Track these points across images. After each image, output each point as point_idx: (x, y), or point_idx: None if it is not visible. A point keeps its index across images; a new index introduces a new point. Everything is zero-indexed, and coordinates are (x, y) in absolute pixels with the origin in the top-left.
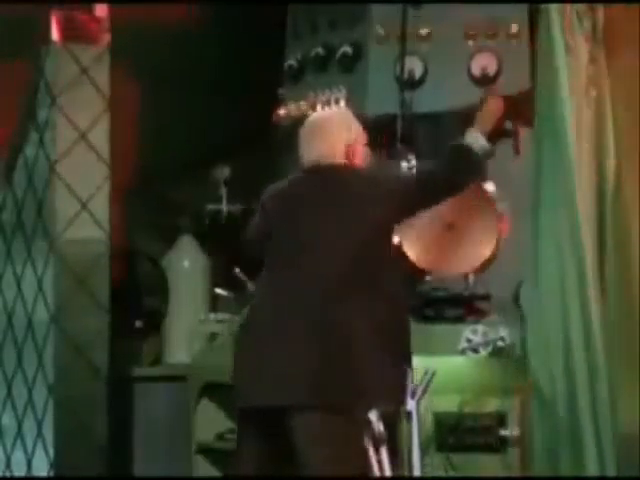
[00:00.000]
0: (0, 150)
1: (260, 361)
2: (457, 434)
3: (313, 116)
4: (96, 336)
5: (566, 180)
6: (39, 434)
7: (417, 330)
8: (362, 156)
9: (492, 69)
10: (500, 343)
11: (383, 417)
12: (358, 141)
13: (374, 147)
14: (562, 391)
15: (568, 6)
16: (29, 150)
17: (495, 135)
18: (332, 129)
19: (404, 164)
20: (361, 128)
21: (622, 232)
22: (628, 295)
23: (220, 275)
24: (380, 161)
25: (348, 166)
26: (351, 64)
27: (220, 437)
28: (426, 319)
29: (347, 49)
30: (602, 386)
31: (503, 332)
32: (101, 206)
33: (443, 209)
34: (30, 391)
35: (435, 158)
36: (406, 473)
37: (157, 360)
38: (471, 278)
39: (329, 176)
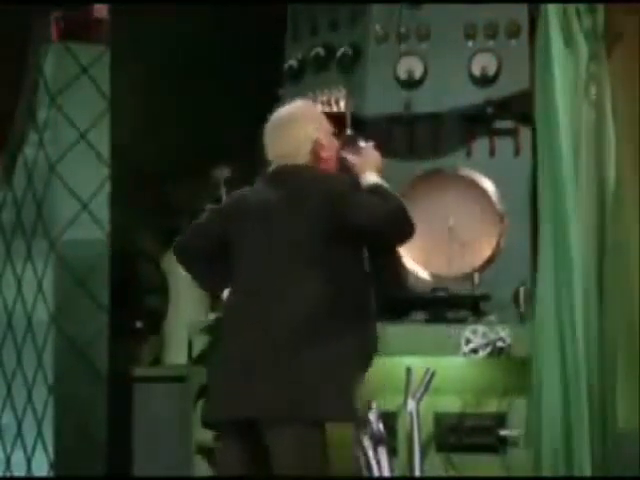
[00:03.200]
0: (0, 150)
1: (235, 374)
2: (457, 434)
3: (276, 112)
4: (96, 336)
5: (564, 180)
6: (39, 434)
7: (417, 331)
8: (332, 148)
9: (492, 69)
10: (500, 343)
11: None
12: (323, 133)
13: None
14: (561, 392)
15: (568, 5)
16: (29, 150)
17: None
18: (295, 124)
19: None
20: (323, 118)
21: (623, 233)
22: (628, 296)
23: None
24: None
25: (311, 168)
26: (351, 64)
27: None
28: (426, 320)
29: (347, 49)
30: (600, 385)
31: (503, 332)
32: (101, 206)
33: (443, 210)
34: (30, 391)
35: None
36: (406, 473)
37: (157, 360)
38: (473, 278)
39: (289, 185)
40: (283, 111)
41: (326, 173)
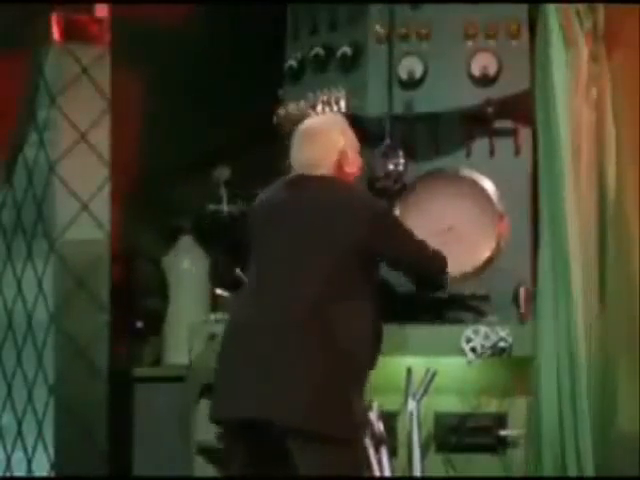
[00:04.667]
0: (0, 150)
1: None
2: (457, 434)
3: (305, 122)
4: (96, 336)
5: (560, 182)
6: (39, 434)
7: (417, 331)
8: (356, 165)
9: (492, 69)
10: (502, 344)
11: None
12: (351, 148)
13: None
14: (564, 393)
15: (568, 6)
16: (29, 150)
17: None
18: (323, 134)
19: (391, 167)
20: (354, 136)
21: (624, 233)
22: (629, 298)
23: (220, 275)
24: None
25: (336, 180)
26: (351, 64)
27: (220, 437)
28: (426, 320)
29: (347, 49)
30: (601, 386)
31: (503, 332)
32: (101, 206)
33: (443, 210)
34: (30, 391)
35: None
36: (406, 473)
37: (157, 361)
38: (471, 278)
39: (312, 193)
40: (312, 121)
41: (361, 191)
